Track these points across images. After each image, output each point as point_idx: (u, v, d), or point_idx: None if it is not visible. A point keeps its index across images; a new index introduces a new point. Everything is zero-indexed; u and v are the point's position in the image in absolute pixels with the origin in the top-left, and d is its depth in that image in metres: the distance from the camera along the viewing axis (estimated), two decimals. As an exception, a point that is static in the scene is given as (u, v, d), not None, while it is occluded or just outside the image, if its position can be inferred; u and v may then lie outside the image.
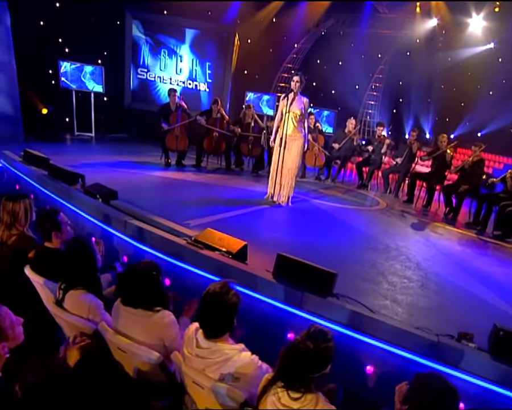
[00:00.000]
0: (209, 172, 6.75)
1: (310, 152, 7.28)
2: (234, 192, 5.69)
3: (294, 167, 5.05)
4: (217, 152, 7.01)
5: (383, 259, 3.75)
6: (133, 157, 6.97)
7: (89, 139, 8.18)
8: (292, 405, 1.49)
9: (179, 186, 5.58)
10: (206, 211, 4.44)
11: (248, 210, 4.83)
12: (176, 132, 6.56)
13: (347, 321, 2.51)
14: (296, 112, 4.91)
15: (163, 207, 4.18)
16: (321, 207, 5.49)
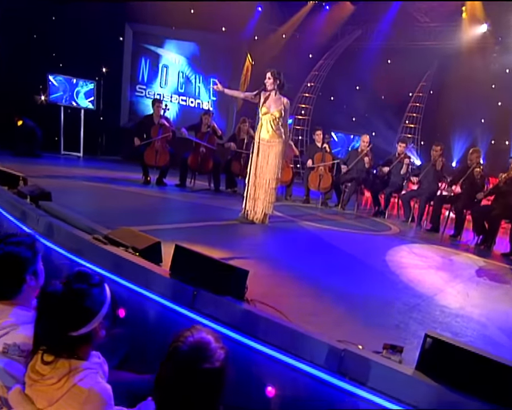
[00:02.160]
0: (192, 192, 6.99)
1: (314, 173, 7.32)
2: (206, 208, 5.88)
3: (271, 178, 5.10)
4: (203, 170, 7.26)
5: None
6: (111, 173, 7.44)
7: (76, 159, 8.87)
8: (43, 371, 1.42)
9: (142, 198, 5.90)
10: (157, 220, 4.61)
11: (208, 224, 4.93)
12: (156, 146, 6.94)
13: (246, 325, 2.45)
14: (275, 114, 5.05)
15: (108, 214, 4.42)
16: (307, 229, 5.45)
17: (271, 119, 5.04)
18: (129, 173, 7.48)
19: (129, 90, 9.99)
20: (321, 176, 7.25)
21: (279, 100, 5.05)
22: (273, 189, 5.15)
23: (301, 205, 7.22)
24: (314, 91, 11.71)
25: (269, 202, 5.19)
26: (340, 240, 5.19)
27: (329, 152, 7.45)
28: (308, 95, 11.74)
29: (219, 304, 2.61)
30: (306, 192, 7.47)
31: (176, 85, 10.14)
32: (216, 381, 1.26)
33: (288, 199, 7.48)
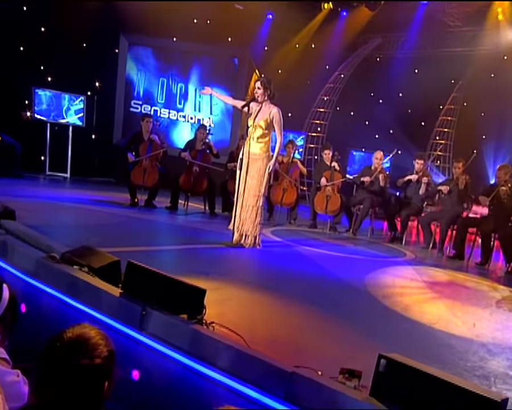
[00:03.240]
0: (184, 215, 7.16)
1: (321, 194, 7.40)
2: (192, 231, 6.08)
3: (255, 195, 5.22)
4: (196, 191, 7.45)
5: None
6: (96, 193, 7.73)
7: (62, 180, 9.24)
8: None
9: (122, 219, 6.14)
10: (132, 242, 4.78)
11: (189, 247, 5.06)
12: (144, 164, 7.19)
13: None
14: (260, 124, 5.22)
15: (76, 234, 4.61)
16: (302, 253, 5.51)
17: (257, 131, 5.21)
18: (119, 194, 7.75)
19: (124, 105, 10.42)
20: (328, 197, 7.31)
21: (268, 109, 5.22)
22: (258, 208, 5.26)
23: (306, 230, 7.29)
24: (330, 106, 11.91)
25: (256, 223, 5.28)
26: (334, 263, 5.24)
27: (339, 171, 7.53)
28: (322, 110, 11.94)
29: (169, 325, 2.69)
30: (313, 215, 7.54)
31: (175, 100, 10.51)
32: (96, 378, 1.35)
33: (292, 223, 7.57)
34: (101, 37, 9.80)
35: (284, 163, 7.66)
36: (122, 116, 10.41)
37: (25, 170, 8.54)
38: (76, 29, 9.30)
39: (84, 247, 3.66)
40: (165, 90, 10.52)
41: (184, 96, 10.55)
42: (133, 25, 9.87)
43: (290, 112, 11.89)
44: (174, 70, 10.54)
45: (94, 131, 10.07)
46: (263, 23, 11.38)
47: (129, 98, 10.48)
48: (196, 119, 10.40)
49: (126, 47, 10.39)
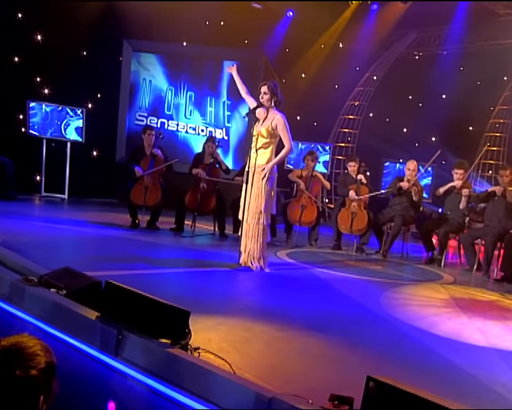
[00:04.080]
0: (190, 237, 7.34)
1: (345, 210, 7.44)
2: (194, 253, 6.27)
3: (257, 211, 5.33)
4: (203, 210, 7.60)
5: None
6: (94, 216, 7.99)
7: (59, 201, 9.59)
8: None
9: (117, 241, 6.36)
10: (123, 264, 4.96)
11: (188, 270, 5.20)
12: (146, 182, 7.41)
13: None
14: (262, 132, 5.36)
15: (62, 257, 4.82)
16: (320, 277, 5.56)
17: (259, 140, 5.36)
18: (120, 215, 8.00)
19: (128, 118, 10.79)
20: (354, 214, 7.34)
21: (272, 116, 5.37)
22: (261, 226, 5.35)
23: (328, 252, 7.33)
24: (360, 112, 11.98)
25: (259, 243, 5.37)
26: (355, 287, 5.26)
27: (366, 184, 7.57)
28: (352, 117, 12.02)
29: (147, 350, 2.80)
30: (336, 235, 7.57)
31: (183, 110, 10.83)
32: (31, 391, 1.45)
33: (312, 245, 7.62)
34: (103, 44, 10.22)
35: (303, 177, 7.75)
36: (125, 130, 10.77)
37: (19, 191, 8.91)
38: (75, 37, 9.76)
39: (65, 269, 3.83)
40: (173, 100, 10.84)
41: (194, 106, 10.85)
42: (137, 30, 10.31)
43: (316, 121, 12.12)
44: (183, 78, 10.85)
45: (95, 147, 10.44)
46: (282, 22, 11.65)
47: (133, 110, 10.86)
48: (208, 131, 10.64)
49: (129, 54, 10.80)
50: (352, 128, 11.99)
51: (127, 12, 9.83)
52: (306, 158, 7.88)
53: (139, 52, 10.89)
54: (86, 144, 10.05)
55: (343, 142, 11.88)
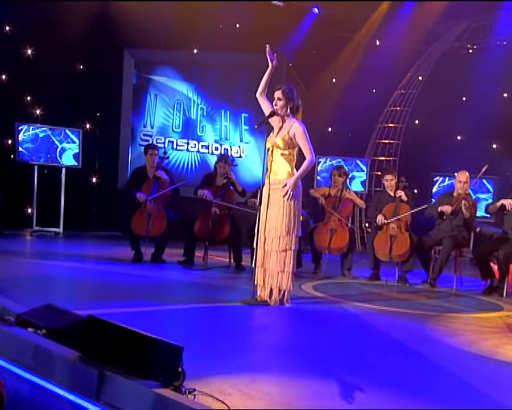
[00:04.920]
0: (201, 270, 7.43)
1: (383, 234, 7.42)
2: (204, 288, 6.35)
3: (279, 236, 5.36)
4: (216, 239, 7.68)
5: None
6: (92, 249, 8.16)
7: (53, 236, 9.83)
8: None
9: (116, 276, 6.48)
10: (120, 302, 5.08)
11: (195, 306, 5.27)
12: (149, 208, 7.56)
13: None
14: (278, 143, 5.44)
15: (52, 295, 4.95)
16: (353, 313, 5.53)
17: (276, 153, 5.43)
18: (122, 249, 8.17)
19: (131, 138, 11.07)
20: (393, 237, 7.30)
21: (287, 126, 5.45)
22: (286, 252, 5.38)
23: (363, 283, 7.31)
24: (403, 119, 11.97)
25: (285, 272, 5.39)
26: (397, 324, 5.17)
27: (407, 202, 7.54)
28: (392, 125, 12.02)
29: (132, 392, 2.85)
30: (373, 263, 7.54)
31: (194, 126, 11.07)
32: None
33: (346, 275, 7.61)
34: (101, 56, 10.59)
35: (332, 196, 7.79)
36: (128, 153, 11.04)
37: (7, 226, 9.19)
38: (70, 49, 10.15)
39: (46, 306, 3.94)
40: (182, 116, 11.09)
41: (206, 121, 11.06)
42: (139, 38, 10.61)
43: (350, 132, 12.17)
44: (193, 89, 11.11)
45: (94, 173, 10.73)
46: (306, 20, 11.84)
47: (137, 129, 11.14)
48: (222, 149, 10.82)
49: (131, 66, 11.12)
50: (393, 138, 11.96)
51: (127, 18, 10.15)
52: (333, 174, 7.92)
53: (142, 63, 11.19)
54: (84, 170, 10.34)
55: (383, 155, 11.86)
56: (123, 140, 11.03)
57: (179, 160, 11.02)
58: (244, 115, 10.87)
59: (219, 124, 11.01)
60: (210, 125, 11.04)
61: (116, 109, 11.01)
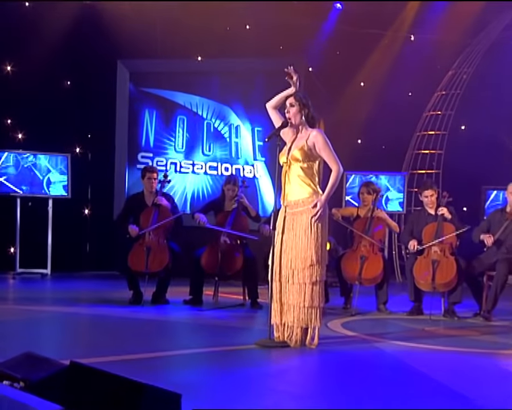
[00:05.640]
0: (212, 309, 7.44)
1: (424, 259, 7.36)
2: (212, 329, 6.35)
3: (307, 266, 5.35)
4: (227, 273, 7.67)
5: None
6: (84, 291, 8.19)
7: (40, 278, 9.90)
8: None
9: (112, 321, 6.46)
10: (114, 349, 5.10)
11: (203, 350, 5.27)
12: (148, 241, 7.60)
13: None
14: (296, 156, 5.44)
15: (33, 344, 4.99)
16: (392, 355, 5.45)
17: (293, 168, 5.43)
18: (120, 290, 8.22)
19: (128, 161, 11.20)
20: (436, 263, 7.22)
21: (304, 136, 5.46)
22: (315, 284, 5.36)
23: (403, 319, 7.24)
24: (445, 125, 11.94)
25: (311, 307, 5.37)
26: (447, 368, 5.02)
27: (451, 221, 7.49)
28: (433, 133, 12.00)
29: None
30: (413, 294, 7.46)
31: (200, 145, 11.16)
32: None
33: (381, 310, 7.57)
34: (91, 70, 10.79)
35: (361, 217, 7.78)
36: (125, 178, 11.16)
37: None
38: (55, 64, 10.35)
39: (25, 355, 3.97)
40: (185, 133, 11.21)
41: (213, 138, 11.18)
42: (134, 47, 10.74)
43: (384, 144, 12.17)
44: (197, 102, 11.24)
45: (86, 203, 10.84)
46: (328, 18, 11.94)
47: (135, 150, 11.28)
48: (233, 169, 10.88)
49: (126, 79, 11.30)
50: (435, 148, 11.94)
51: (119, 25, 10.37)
52: (361, 192, 7.90)
53: (138, 75, 11.38)
54: (74, 200, 10.47)
55: (423, 168, 11.84)
56: (118, 164, 11.15)
57: (183, 184, 11.12)
58: (257, 129, 10.96)
59: (229, 141, 11.10)
60: (218, 143, 11.15)
61: (110, 129, 11.17)
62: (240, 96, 11.16)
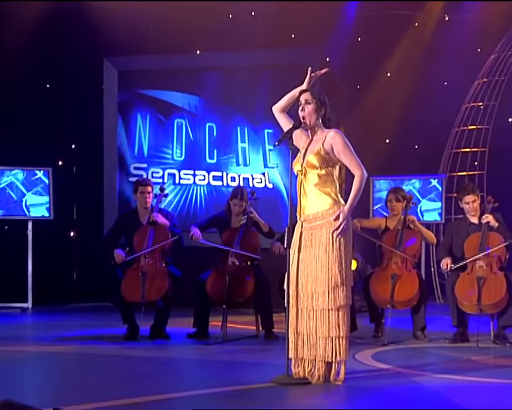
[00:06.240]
0: (220, 343, 7.41)
1: (467, 276, 7.32)
2: (224, 366, 6.30)
3: (328, 290, 5.29)
4: (237, 300, 7.63)
5: None
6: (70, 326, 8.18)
7: (19, 313, 9.88)
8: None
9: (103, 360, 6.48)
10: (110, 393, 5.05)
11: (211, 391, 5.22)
12: (143, 264, 7.59)
13: None
14: (312, 162, 5.42)
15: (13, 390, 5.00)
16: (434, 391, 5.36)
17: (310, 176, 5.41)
18: (114, 323, 8.21)
19: (119, 174, 11.22)
20: (482, 280, 7.17)
21: (320, 138, 5.43)
22: (342, 311, 5.33)
23: (445, 347, 7.19)
24: (489, 118, 11.88)
25: (335, 337, 5.33)
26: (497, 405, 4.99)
27: (498, 229, 7.45)
28: (474, 127, 11.94)
29: None
30: (456, 317, 7.42)
31: (202, 152, 11.17)
32: None
33: (418, 337, 7.52)
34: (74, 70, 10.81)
35: (391, 229, 7.75)
36: (117, 194, 11.18)
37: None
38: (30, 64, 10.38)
39: (3, 404, 3.94)
40: (184, 139, 11.22)
41: (217, 143, 11.19)
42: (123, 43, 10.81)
43: (416, 143, 12.12)
44: (199, 103, 11.27)
45: (72, 225, 10.85)
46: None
47: (127, 161, 11.30)
48: (240, 179, 10.88)
49: (115, 79, 11.35)
50: (477, 145, 11.87)
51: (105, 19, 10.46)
52: (388, 199, 7.87)
53: (128, 74, 11.43)
54: (58, 221, 10.45)
55: (464, 170, 11.78)
56: (108, 178, 11.19)
57: (183, 197, 11.13)
58: (267, 132, 10.97)
59: (236, 147, 11.11)
60: (223, 149, 11.17)
61: (97, 137, 11.23)
62: (246, 94, 11.18)
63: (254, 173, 10.99)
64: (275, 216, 10.42)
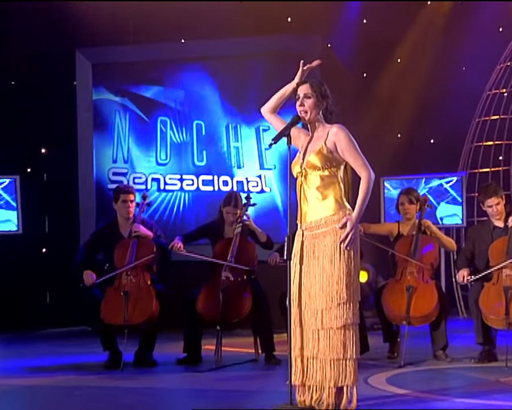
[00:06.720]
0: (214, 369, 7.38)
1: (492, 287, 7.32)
2: (218, 395, 6.30)
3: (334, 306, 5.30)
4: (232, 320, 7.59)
5: None
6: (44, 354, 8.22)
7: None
8: None
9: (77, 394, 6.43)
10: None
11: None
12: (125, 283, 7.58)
13: None
14: (313, 162, 5.41)
15: None
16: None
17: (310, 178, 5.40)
18: (93, 350, 8.23)
19: (96, 180, 11.24)
20: (508, 291, 7.18)
21: (322, 135, 5.42)
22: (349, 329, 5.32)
23: (469, 367, 7.19)
24: (511, 106, 11.91)
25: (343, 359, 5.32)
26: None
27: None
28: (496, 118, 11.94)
29: None
30: (482, 334, 7.42)
31: (189, 153, 11.18)
32: None
33: (439, 357, 7.53)
34: (42, 63, 10.82)
35: (405, 236, 7.76)
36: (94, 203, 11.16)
37: None
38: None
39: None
40: (169, 139, 11.23)
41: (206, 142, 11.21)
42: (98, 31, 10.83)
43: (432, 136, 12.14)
44: (183, 98, 11.29)
45: (43, 240, 10.85)
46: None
47: (104, 165, 11.31)
48: (234, 183, 10.88)
49: (88, 73, 11.36)
50: (500, 137, 11.87)
51: (77, 5, 10.45)
52: (400, 202, 7.87)
53: (103, 67, 11.44)
54: (26, 236, 10.44)
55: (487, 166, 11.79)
56: (83, 185, 11.19)
57: (170, 205, 11.14)
58: (262, 128, 10.96)
59: (227, 146, 11.12)
60: (213, 149, 11.19)
61: (70, 139, 11.23)
62: (237, 87, 11.21)
63: (248, 176, 10.98)
64: (273, 224, 10.44)
